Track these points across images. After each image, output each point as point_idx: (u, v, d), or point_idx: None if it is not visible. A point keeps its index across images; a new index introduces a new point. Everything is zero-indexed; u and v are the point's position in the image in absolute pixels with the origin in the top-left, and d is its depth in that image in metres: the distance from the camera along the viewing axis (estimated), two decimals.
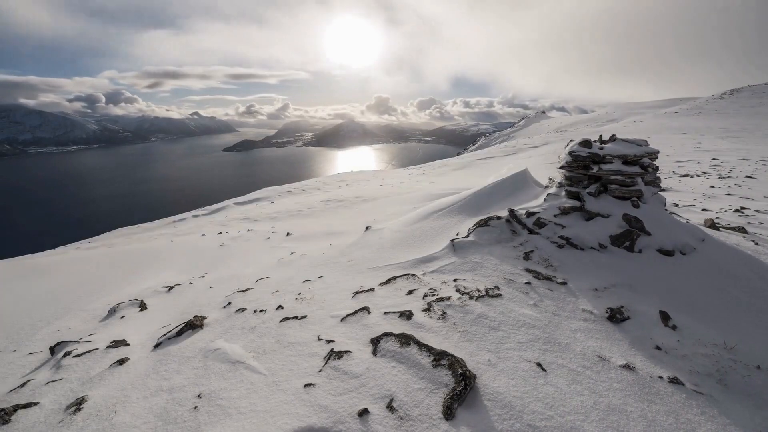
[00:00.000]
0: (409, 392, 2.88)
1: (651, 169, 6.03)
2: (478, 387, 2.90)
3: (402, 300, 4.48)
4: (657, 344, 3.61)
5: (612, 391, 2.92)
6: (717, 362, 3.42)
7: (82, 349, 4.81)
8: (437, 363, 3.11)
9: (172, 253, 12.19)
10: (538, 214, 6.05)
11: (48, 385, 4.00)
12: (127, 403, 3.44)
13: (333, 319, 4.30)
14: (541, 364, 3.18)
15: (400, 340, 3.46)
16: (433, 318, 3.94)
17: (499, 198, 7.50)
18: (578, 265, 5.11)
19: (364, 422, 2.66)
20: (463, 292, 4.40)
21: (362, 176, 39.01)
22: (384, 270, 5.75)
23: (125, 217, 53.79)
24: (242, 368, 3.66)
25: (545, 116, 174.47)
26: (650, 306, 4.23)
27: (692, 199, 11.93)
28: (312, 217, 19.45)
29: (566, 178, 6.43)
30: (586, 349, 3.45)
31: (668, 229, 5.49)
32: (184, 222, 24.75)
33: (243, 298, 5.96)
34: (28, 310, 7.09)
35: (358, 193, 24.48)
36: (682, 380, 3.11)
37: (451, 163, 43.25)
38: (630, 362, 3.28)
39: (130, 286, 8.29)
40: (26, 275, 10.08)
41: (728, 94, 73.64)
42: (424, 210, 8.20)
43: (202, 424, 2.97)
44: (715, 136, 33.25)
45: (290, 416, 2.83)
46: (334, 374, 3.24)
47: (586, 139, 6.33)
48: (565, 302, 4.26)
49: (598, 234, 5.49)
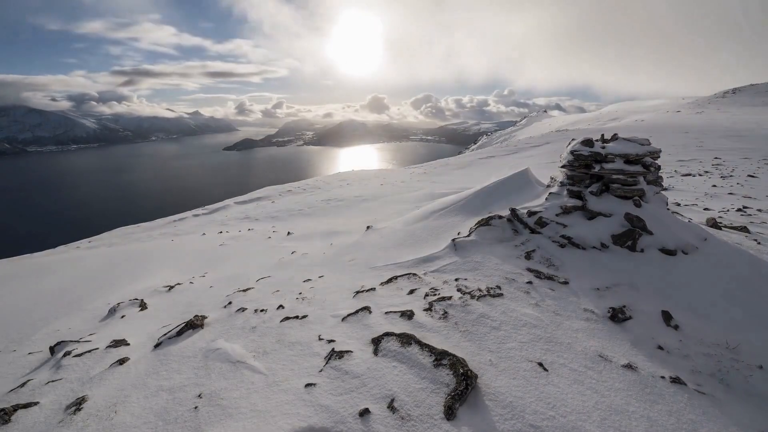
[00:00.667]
0: (410, 392, 2.88)
1: (653, 168, 6.02)
2: (480, 387, 2.89)
3: (403, 299, 4.48)
4: (659, 344, 3.61)
5: (614, 391, 2.91)
6: (719, 362, 3.42)
7: (82, 348, 4.79)
8: (438, 363, 3.10)
9: (173, 253, 12.17)
10: (540, 214, 6.05)
11: (48, 385, 3.97)
12: (127, 403, 3.42)
13: (334, 319, 4.30)
14: (543, 364, 3.17)
15: (402, 340, 3.46)
16: (434, 318, 3.93)
17: (501, 197, 7.49)
18: (580, 265, 5.10)
19: (365, 422, 2.65)
20: (465, 292, 4.40)
21: (363, 175, 38.99)
22: (385, 269, 5.75)
23: (125, 216, 53.75)
24: (243, 368, 3.65)
25: (547, 115, 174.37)
26: (652, 305, 4.22)
27: (694, 199, 11.91)
28: (313, 216, 19.45)
29: (568, 177, 6.42)
30: (587, 348, 3.44)
31: (670, 228, 5.47)
32: (185, 221, 24.71)
33: (244, 297, 5.93)
34: (28, 309, 7.06)
35: (359, 193, 24.47)
36: (684, 380, 3.11)
37: (452, 162, 43.15)
38: (632, 362, 3.28)
39: (131, 285, 8.26)
40: (26, 275, 10.09)
41: (731, 92, 73.46)
42: (426, 209, 8.20)
43: (203, 424, 2.96)
44: (718, 135, 33.16)
45: (291, 416, 2.82)
46: (335, 374, 3.24)
47: (588, 138, 6.32)
48: (566, 302, 4.26)
49: (600, 233, 5.48)
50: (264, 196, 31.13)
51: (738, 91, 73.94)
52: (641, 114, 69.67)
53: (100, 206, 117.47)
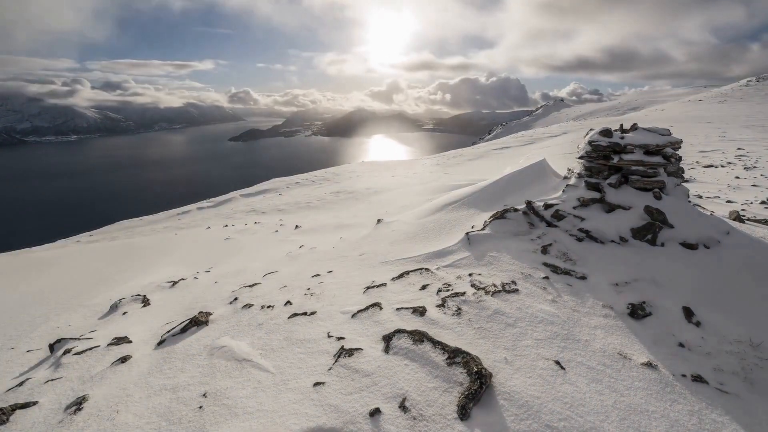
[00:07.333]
0: (422, 391, 2.83)
1: (674, 159, 5.87)
2: (494, 386, 2.84)
3: (415, 295, 4.42)
4: (680, 341, 3.52)
5: (633, 390, 2.85)
6: (742, 360, 3.33)
7: (83, 346, 4.74)
8: (452, 361, 3.05)
9: (176, 247, 12.19)
10: (557, 206, 5.93)
11: (47, 384, 3.92)
12: (129, 403, 3.39)
13: (343, 316, 4.26)
14: (560, 362, 3.11)
15: (413, 337, 3.41)
16: (447, 314, 3.87)
17: (516, 189, 7.38)
18: (598, 259, 4.98)
19: (376, 422, 2.62)
20: (479, 287, 4.32)
21: (374, 167, 38.89)
22: (396, 264, 5.68)
23: (127, 209, 53.89)
24: (249, 366, 3.62)
25: (564, 104, 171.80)
26: (673, 301, 4.10)
27: (717, 191, 11.63)
28: (322, 209, 19.48)
29: (586, 168, 6.28)
30: (606, 346, 3.37)
31: (692, 221, 5.32)
32: (189, 214, 24.87)
33: (250, 293, 5.88)
34: (27, 305, 6.96)
35: (369, 185, 24.45)
36: (705, 378, 3.04)
37: (466, 153, 42.88)
38: (652, 360, 3.20)
39: (133, 281, 8.20)
40: (25, 269, 10.07)
41: (754, 81, 71.34)
42: (438, 202, 8.11)
43: (208, 424, 2.93)
44: (741, 125, 32.26)
45: (299, 416, 2.80)
46: (344, 372, 3.20)
47: (607, 128, 6.17)
48: (584, 298, 4.16)
49: (619, 227, 5.36)
50: (271, 188, 31.20)
51: (762, 79, 71.76)
52: (662, 103, 68.09)
53: (102, 198, 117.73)
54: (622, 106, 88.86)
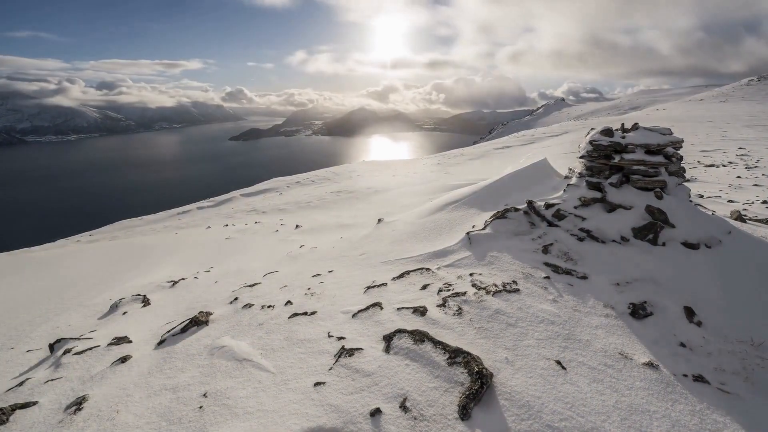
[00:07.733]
0: (423, 391, 2.83)
1: (675, 159, 5.86)
2: (495, 386, 2.84)
3: (416, 295, 4.41)
4: (681, 341, 3.52)
5: (634, 390, 2.85)
6: (744, 360, 3.33)
7: (83, 346, 4.73)
8: (452, 361, 3.05)
9: (177, 247, 12.19)
10: (558, 206, 5.93)
11: (47, 384, 3.92)
12: (129, 403, 3.38)
13: (344, 315, 4.26)
14: (561, 362, 3.10)
15: (414, 337, 3.41)
16: (448, 314, 3.87)
17: (517, 189, 7.37)
18: (599, 259, 4.98)
19: (376, 422, 2.62)
20: (480, 287, 4.32)
21: (374, 166, 38.87)
22: (397, 264, 5.68)
23: (127, 209, 53.68)
24: (249, 366, 3.61)
25: (565, 104, 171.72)
26: (674, 301, 4.10)
27: (718, 190, 11.62)
28: (322, 208, 19.46)
29: (587, 168, 6.28)
30: (607, 346, 3.36)
31: (693, 221, 5.31)
32: (189, 214, 24.84)
33: (250, 293, 5.89)
34: (26, 305, 6.96)
35: (370, 184, 24.43)
36: (707, 378, 3.04)
37: (467, 152, 42.82)
38: (653, 360, 3.20)
39: (133, 280, 8.20)
40: (24, 269, 10.09)
41: (755, 80, 71.22)
42: (439, 201, 8.11)
43: (208, 424, 2.93)
44: (742, 125, 32.21)
45: (300, 416, 2.80)
46: (345, 372, 3.20)
47: (608, 127, 6.17)
48: (585, 297, 4.16)
49: (620, 226, 5.35)
50: (271, 187, 31.17)
51: (763, 78, 71.65)
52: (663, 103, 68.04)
53: (101, 198, 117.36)
54: (623, 105, 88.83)
